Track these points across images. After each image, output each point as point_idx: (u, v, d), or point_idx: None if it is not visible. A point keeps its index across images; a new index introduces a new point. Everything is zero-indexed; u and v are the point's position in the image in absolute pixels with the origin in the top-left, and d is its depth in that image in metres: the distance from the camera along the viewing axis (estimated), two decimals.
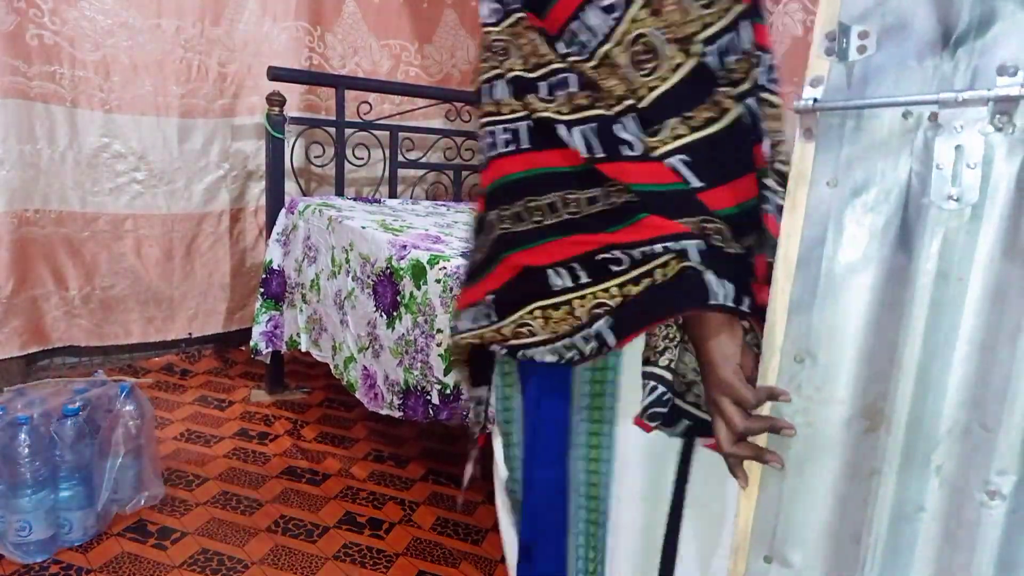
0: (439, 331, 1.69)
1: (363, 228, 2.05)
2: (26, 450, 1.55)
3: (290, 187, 2.61)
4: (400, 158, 2.90)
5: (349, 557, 1.69)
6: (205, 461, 2.09)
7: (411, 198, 3.03)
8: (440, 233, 2.11)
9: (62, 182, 2.42)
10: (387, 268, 1.84)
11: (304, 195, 2.75)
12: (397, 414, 1.84)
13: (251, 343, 2.45)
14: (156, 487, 1.85)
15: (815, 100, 0.60)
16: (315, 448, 2.24)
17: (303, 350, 2.34)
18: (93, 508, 1.69)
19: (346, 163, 2.75)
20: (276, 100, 2.43)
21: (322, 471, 2.09)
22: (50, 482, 1.60)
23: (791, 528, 0.65)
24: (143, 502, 1.81)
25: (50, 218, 2.42)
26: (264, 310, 2.44)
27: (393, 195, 2.91)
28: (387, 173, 2.89)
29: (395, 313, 1.81)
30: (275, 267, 2.45)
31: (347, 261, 2.07)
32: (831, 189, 0.61)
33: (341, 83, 2.71)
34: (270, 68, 2.47)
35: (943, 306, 0.58)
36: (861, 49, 0.58)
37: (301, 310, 2.33)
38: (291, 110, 2.63)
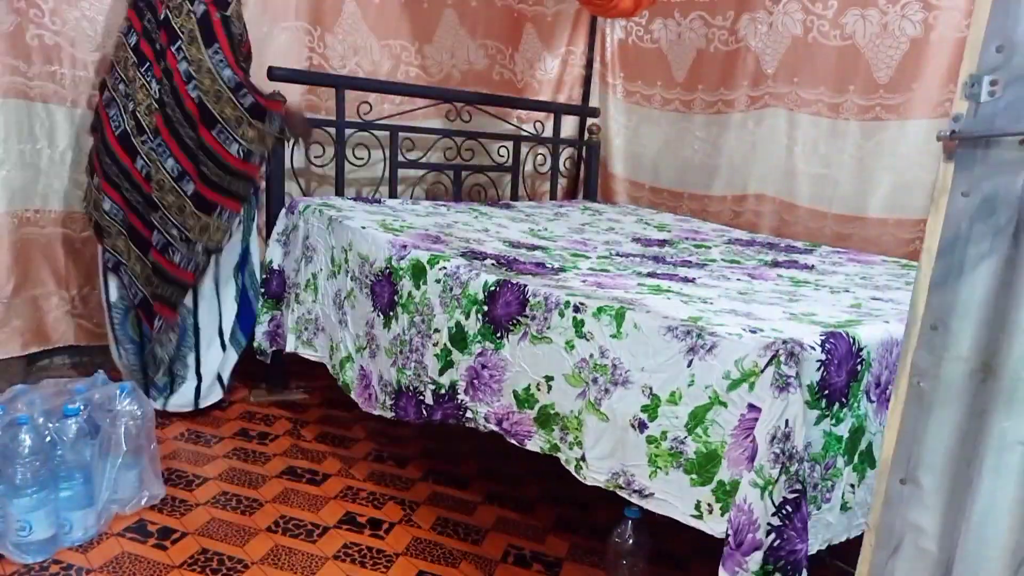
0: (436, 331, 1.69)
1: (363, 228, 2.05)
2: (26, 450, 1.56)
3: (290, 187, 2.61)
4: (400, 158, 2.90)
5: (349, 557, 1.69)
6: (205, 461, 2.09)
7: (411, 198, 3.03)
8: (440, 233, 2.11)
9: (63, 182, 2.42)
10: (386, 268, 1.85)
11: (304, 195, 2.75)
12: (389, 414, 1.84)
13: (255, 342, 2.45)
14: (156, 487, 1.85)
15: (953, 132, 0.80)
16: (315, 448, 2.24)
17: (288, 350, 2.34)
18: (93, 508, 1.69)
19: (346, 163, 2.76)
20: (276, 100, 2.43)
21: (322, 471, 2.10)
22: (50, 482, 1.60)
23: (922, 456, 0.86)
24: (143, 502, 1.82)
25: (51, 218, 2.42)
26: (265, 310, 2.44)
27: (393, 195, 2.91)
28: (387, 173, 2.89)
29: (391, 313, 1.81)
30: (275, 267, 2.45)
31: (346, 261, 2.07)
32: (965, 198, 0.81)
33: (341, 83, 2.71)
34: (270, 68, 2.47)
35: None
36: (991, 93, 0.78)
37: (293, 310, 2.33)
38: None
